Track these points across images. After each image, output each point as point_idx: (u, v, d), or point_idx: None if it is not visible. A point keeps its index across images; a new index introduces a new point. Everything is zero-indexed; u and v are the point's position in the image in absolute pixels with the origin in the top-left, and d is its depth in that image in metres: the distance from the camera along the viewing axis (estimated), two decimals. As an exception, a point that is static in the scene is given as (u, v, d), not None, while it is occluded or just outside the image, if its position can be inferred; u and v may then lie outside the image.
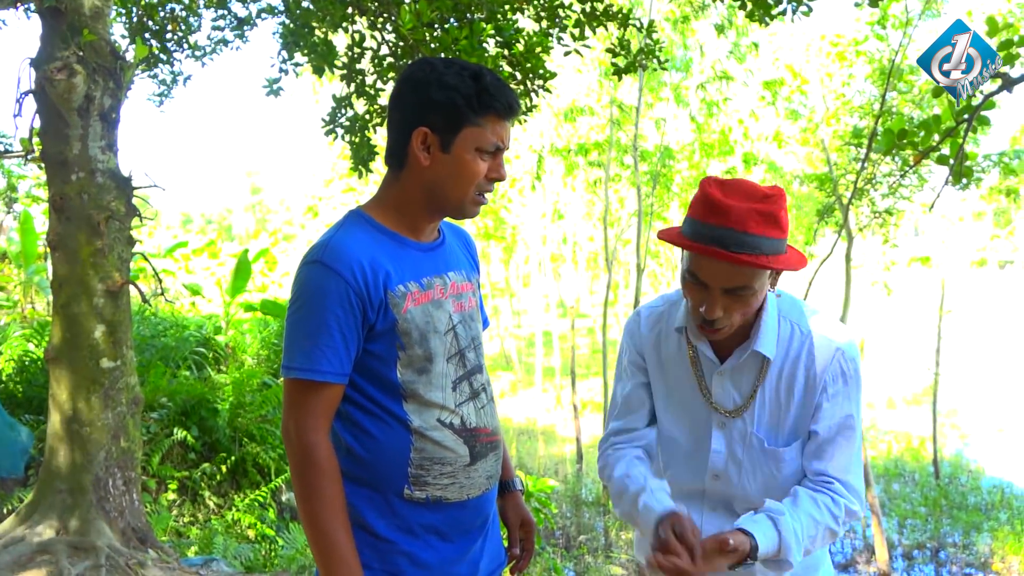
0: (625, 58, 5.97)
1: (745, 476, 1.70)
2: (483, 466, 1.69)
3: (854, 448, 1.66)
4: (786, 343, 1.66)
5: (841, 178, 12.20)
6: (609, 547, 12.17)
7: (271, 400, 6.69)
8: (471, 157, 1.56)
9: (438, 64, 1.57)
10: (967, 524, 12.38)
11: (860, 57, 12.16)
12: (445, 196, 1.60)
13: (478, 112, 1.55)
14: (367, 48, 5.69)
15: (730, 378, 1.69)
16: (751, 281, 1.53)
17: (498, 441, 1.76)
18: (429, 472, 1.61)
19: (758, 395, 1.67)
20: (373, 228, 1.62)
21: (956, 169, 5.01)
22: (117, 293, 4.08)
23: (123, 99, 4.12)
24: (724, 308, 1.55)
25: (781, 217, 1.54)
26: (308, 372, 1.51)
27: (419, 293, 1.60)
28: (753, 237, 1.49)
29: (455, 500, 1.65)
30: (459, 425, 1.64)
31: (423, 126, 1.55)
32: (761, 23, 5.50)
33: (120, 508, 4.13)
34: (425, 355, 1.60)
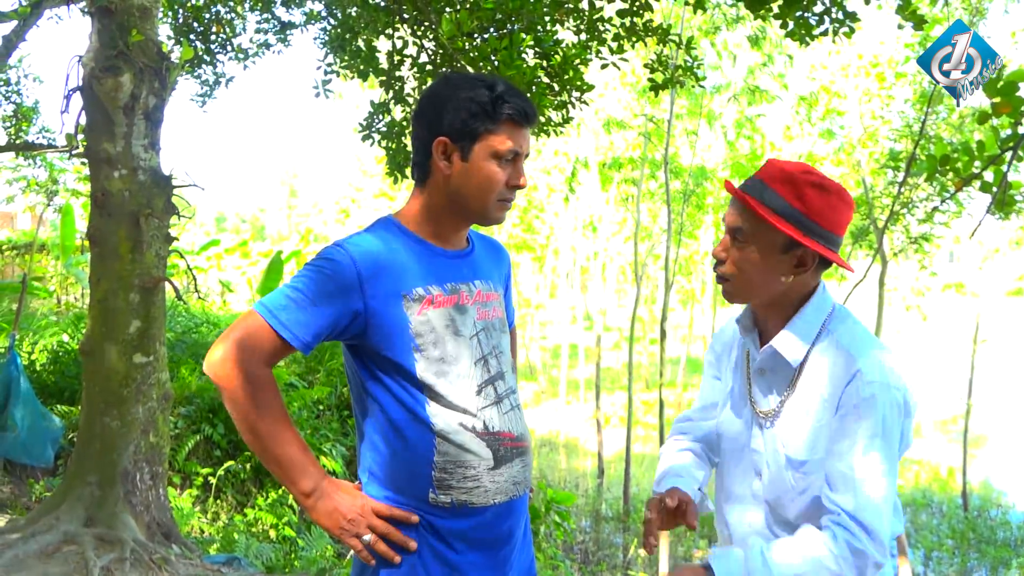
0: (663, 74, 5.95)
1: (774, 483, 1.66)
2: (508, 471, 1.69)
3: (872, 484, 1.52)
4: (822, 355, 1.61)
5: (876, 201, 12.05)
6: (628, 564, 12.07)
7: (296, 401, 6.73)
8: (490, 164, 1.61)
9: (455, 78, 1.64)
10: (995, 559, 12.10)
11: (900, 79, 12.02)
12: (467, 203, 1.65)
13: (494, 119, 1.60)
14: (407, 55, 5.74)
15: (767, 378, 1.69)
16: (747, 225, 1.57)
17: (525, 448, 1.75)
18: (453, 475, 1.62)
19: (787, 403, 1.64)
20: (402, 233, 1.67)
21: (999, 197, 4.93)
22: (153, 289, 4.14)
23: (167, 99, 4.19)
24: (726, 250, 1.61)
25: (806, 192, 1.54)
26: (277, 320, 1.54)
27: (441, 297, 1.64)
28: (767, 188, 1.56)
29: (480, 505, 1.65)
30: (482, 429, 1.65)
31: (442, 136, 1.61)
32: (802, 43, 5.45)
33: (146, 502, 4.18)
34: (442, 357, 1.62)
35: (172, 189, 4.19)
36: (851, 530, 1.50)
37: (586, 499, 15.28)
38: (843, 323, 1.64)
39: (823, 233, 1.56)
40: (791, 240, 1.55)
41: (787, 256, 1.57)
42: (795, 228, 1.54)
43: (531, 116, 1.64)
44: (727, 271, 1.61)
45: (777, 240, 1.56)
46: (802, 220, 1.54)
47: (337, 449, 6.90)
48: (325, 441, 6.72)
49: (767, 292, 1.62)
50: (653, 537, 1.67)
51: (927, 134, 9.96)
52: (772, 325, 1.67)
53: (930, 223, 11.27)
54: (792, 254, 1.57)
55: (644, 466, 17.53)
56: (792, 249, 1.57)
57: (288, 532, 5.81)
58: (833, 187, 1.57)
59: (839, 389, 1.56)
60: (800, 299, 1.64)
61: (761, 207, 1.54)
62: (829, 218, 1.56)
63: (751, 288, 1.62)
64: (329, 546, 5.54)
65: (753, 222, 1.56)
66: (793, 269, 1.59)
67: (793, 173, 1.56)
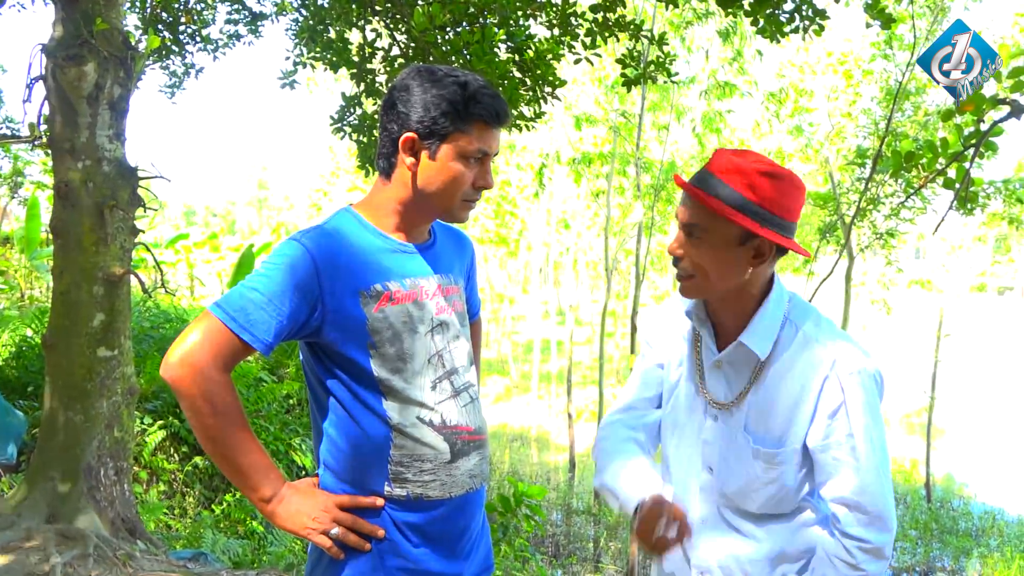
0: (635, 69, 5.97)
1: (731, 474, 1.66)
2: (465, 464, 1.68)
3: (866, 470, 1.56)
4: (786, 348, 1.62)
5: (844, 197, 12.21)
6: (598, 557, 12.15)
7: (266, 396, 6.67)
8: (457, 164, 1.58)
9: (427, 72, 1.59)
10: (957, 549, 12.36)
11: (867, 77, 12.19)
12: (432, 201, 1.62)
13: (465, 119, 1.56)
14: (378, 48, 5.70)
15: (725, 370, 1.68)
16: (702, 220, 1.55)
17: (483, 441, 1.75)
18: (409, 469, 1.62)
19: (751, 393, 1.64)
20: (361, 226, 1.64)
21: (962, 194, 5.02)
22: (117, 283, 4.08)
23: (133, 89, 4.12)
24: (683, 247, 1.59)
25: (761, 183, 1.53)
26: (235, 323, 1.50)
27: (400, 292, 1.62)
28: (718, 181, 1.54)
29: (437, 498, 1.65)
30: (439, 422, 1.64)
31: (411, 132, 1.58)
32: (773, 39, 5.50)
33: (110, 498, 4.12)
34: (398, 354, 1.61)
35: (138, 181, 4.12)
36: (851, 530, 1.56)
37: (557, 493, 15.34)
38: (806, 314, 1.66)
39: (778, 221, 1.55)
40: (747, 232, 1.54)
41: (744, 248, 1.56)
42: (750, 219, 1.52)
43: (503, 117, 1.61)
44: (686, 268, 1.60)
45: (733, 233, 1.54)
46: (756, 210, 1.53)
47: (307, 444, 6.85)
48: (295, 436, 6.68)
49: (727, 286, 1.61)
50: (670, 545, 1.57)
51: (893, 131, 10.11)
52: (728, 317, 1.66)
53: (896, 219, 11.46)
54: (749, 246, 1.56)
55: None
56: (749, 241, 1.56)
57: (256, 527, 5.76)
58: (784, 173, 1.56)
59: (817, 380, 1.57)
60: (757, 290, 1.64)
61: (714, 201, 1.52)
62: (782, 205, 1.55)
63: (711, 284, 1.60)
64: (297, 541, 5.51)
65: (707, 217, 1.55)
66: (751, 261, 1.58)
67: (742, 163, 1.55)
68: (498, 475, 15.10)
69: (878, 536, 1.56)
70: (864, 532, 1.56)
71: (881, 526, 1.56)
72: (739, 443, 1.65)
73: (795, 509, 1.67)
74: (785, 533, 1.67)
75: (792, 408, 1.60)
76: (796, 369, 1.60)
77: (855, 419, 1.56)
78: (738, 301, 1.64)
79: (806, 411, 1.59)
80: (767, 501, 1.64)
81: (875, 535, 1.56)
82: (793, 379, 1.60)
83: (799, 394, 1.59)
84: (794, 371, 1.60)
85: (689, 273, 1.60)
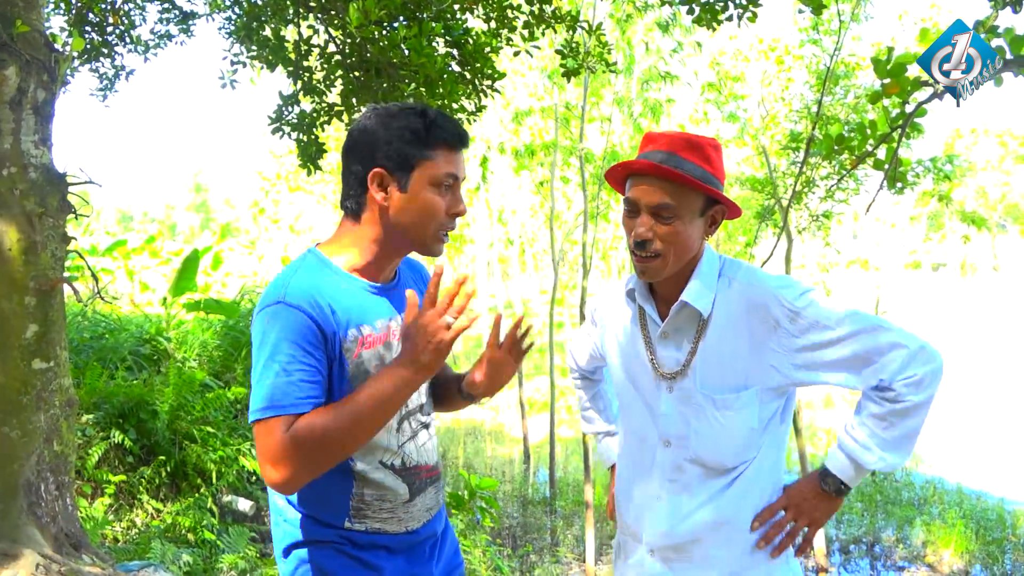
0: (574, 60, 6.01)
1: (696, 438, 1.71)
2: (422, 501, 1.72)
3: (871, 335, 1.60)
4: (726, 299, 1.69)
5: (780, 181, 12.48)
6: (555, 546, 12.24)
7: (213, 403, 6.55)
8: (429, 193, 1.58)
9: (383, 110, 1.59)
10: (901, 519, 12.77)
11: (798, 62, 12.46)
12: (407, 235, 1.60)
13: (428, 145, 1.57)
14: (314, 45, 5.63)
15: (672, 338, 1.73)
16: (675, 199, 1.60)
17: (438, 475, 1.80)
18: (369, 507, 1.64)
19: (699, 352, 1.69)
20: (330, 271, 1.61)
21: (891, 174, 5.17)
22: (50, 292, 3.96)
23: (58, 93, 4.00)
24: (652, 230, 1.62)
25: (710, 153, 1.63)
26: (275, 411, 1.45)
27: (372, 337, 1.61)
28: (678, 157, 1.60)
29: (394, 532, 1.68)
30: (400, 465, 1.67)
31: (378, 167, 1.56)
32: (709, 27, 5.60)
33: (52, 513, 4.01)
34: None
35: (67, 187, 4.00)
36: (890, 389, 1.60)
37: (513, 485, 15.39)
38: (738, 266, 1.74)
39: (722, 188, 1.66)
40: (706, 202, 1.63)
41: (703, 219, 1.65)
42: (714, 189, 1.62)
43: (464, 138, 1.62)
44: (657, 249, 1.63)
45: (696, 206, 1.62)
46: (713, 181, 1.63)
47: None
48: (244, 441, 6.57)
49: (687, 259, 1.68)
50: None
51: (824, 115, 10.36)
52: (668, 288, 1.73)
53: (831, 200, 11.75)
54: (707, 215, 1.66)
55: (568, 450, 17.77)
56: (708, 210, 1.65)
57: (207, 535, 5.66)
58: (715, 142, 1.66)
59: (766, 316, 1.64)
60: (698, 256, 1.71)
61: (688, 178, 1.58)
62: (723, 172, 1.66)
63: (677, 260, 1.66)
64: (251, 547, 5.43)
65: (678, 195, 1.60)
66: (708, 229, 1.68)
67: (688, 139, 1.63)
68: (453, 470, 15.10)
69: (922, 367, 1.59)
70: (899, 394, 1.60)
71: (924, 358, 1.60)
72: (699, 402, 1.70)
73: (748, 464, 1.72)
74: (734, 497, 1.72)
75: (747, 352, 1.67)
76: (740, 315, 1.67)
77: (824, 319, 1.61)
78: (682, 271, 1.70)
79: (764, 351, 1.65)
80: (735, 450, 1.70)
81: (920, 367, 1.59)
82: (739, 325, 1.67)
83: (751, 337, 1.66)
84: (738, 317, 1.67)
85: (657, 253, 1.64)
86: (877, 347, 1.60)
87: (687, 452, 1.72)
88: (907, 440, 1.64)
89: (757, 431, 1.69)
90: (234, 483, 6.42)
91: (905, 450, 1.65)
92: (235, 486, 6.50)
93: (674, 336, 1.73)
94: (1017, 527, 12.20)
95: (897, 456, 1.64)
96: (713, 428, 1.69)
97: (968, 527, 11.88)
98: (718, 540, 1.71)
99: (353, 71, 5.45)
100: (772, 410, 1.71)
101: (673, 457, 1.73)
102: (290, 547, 1.66)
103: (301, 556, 1.64)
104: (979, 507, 13.14)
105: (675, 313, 1.70)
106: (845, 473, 1.68)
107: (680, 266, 1.68)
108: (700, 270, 1.69)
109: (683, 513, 1.72)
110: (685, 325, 1.71)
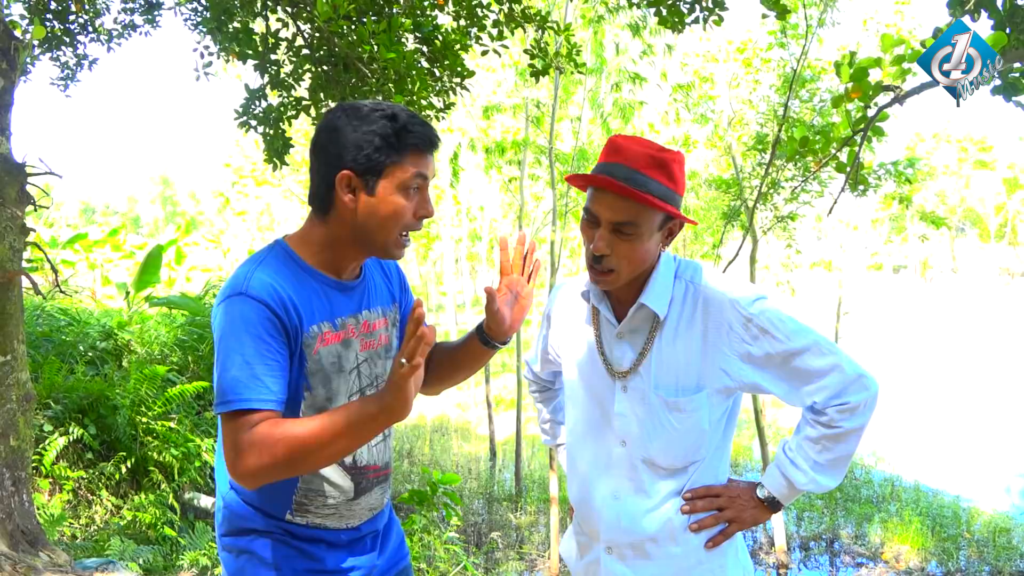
0: (543, 60, 6.03)
1: (649, 437, 1.73)
2: (366, 500, 1.72)
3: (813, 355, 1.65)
4: (680, 301, 1.71)
5: (746, 182, 12.63)
6: (521, 543, 12.28)
7: (175, 399, 6.48)
8: (397, 197, 1.57)
9: (353, 110, 1.57)
10: (860, 516, 13.01)
11: (765, 64, 12.63)
12: (371, 237, 1.59)
13: (399, 150, 1.55)
14: (282, 39, 5.58)
15: (627, 339, 1.75)
16: (636, 217, 1.61)
17: (387, 475, 1.79)
18: (312, 503, 1.64)
19: (652, 351, 1.71)
20: (296, 264, 1.61)
21: (852, 176, 5.27)
22: (8, 284, 3.89)
23: (17, 82, 3.93)
24: (611, 246, 1.63)
25: (674, 170, 1.63)
26: (237, 404, 1.45)
27: (331, 334, 1.61)
28: (642, 176, 1.60)
29: (334, 528, 1.68)
30: (349, 463, 1.67)
31: (346, 170, 1.55)
32: (675, 29, 5.65)
33: (8, 510, 3.94)
34: (327, 396, 1.61)
35: (26, 177, 3.93)
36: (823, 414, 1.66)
37: (479, 482, 15.41)
38: (694, 269, 1.76)
39: (681, 201, 1.67)
40: (665, 217, 1.65)
41: (661, 232, 1.67)
42: (673, 207, 1.63)
43: (435, 141, 1.61)
44: (613, 264, 1.65)
45: (656, 221, 1.64)
46: (675, 197, 1.64)
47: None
48: (206, 438, 6.51)
49: (643, 269, 1.70)
50: None
51: (790, 117, 10.51)
52: (625, 290, 1.75)
53: (796, 202, 11.92)
54: (665, 229, 1.68)
55: (535, 447, 17.82)
56: (666, 224, 1.67)
57: (168, 532, 5.60)
58: (680, 156, 1.67)
59: (720, 321, 1.67)
60: (655, 261, 1.74)
61: (651, 198, 1.58)
62: (684, 185, 1.68)
63: (631, 272, 1.68)
64: (212, 545, 5.38)
65: (641, 213, 1.61)
66: (664, 241, 1.70)
67: (654, 155, 1.62)
68: (419, 467, 15.07)
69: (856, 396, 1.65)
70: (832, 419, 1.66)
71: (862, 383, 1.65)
72: (652, 402, 1.72)
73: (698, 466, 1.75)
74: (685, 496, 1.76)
75: (699, 355, 1.69)
76: (695, 318, 1.70)
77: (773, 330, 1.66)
78: (639, 275, 1.72)
79: (715, 354, 1.68)
80: (686, 451, 1.73)
81: (853, 395, 1.65)
82: (693, 327, 1.69)
83: (704, 340, 1.69)
84: (694, 320, 1.70)
85: (612, 268, 1.65)
86: (818, 368, 1.65)
87: (640, 452, 1.74)
88: (839, 464, 1.70)
89: (707, 433, 1.72)
90: (196, 479, 6.35)
91: (837, 473, 1.71)
92: (197, 482, 6.43)
93: (629, 336, 1.75)
94: (972, 524, 12.50)
95: (828, 479, 1.71)
96: (665, 429, 1.71)
97: (925, 524, 12.14)
98: (674, 538, 1.74)
99: (321, 65, 5.42)
100: (720, 412, 1.74)
101: (629, 456, 1.76)
102: (232, 534, 1.67)
103: (242, 545, 1.64)
104: (935, 504, 13.44)
105: (632, 314, 1.72)
106: (779, 490, 1.75)
107: (634, 276, 1.70)
108: (657, 273, 1.72)
109: (640, 512, 1.75)
110: (641, 325, 1.73)
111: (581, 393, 1.85)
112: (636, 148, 1.63)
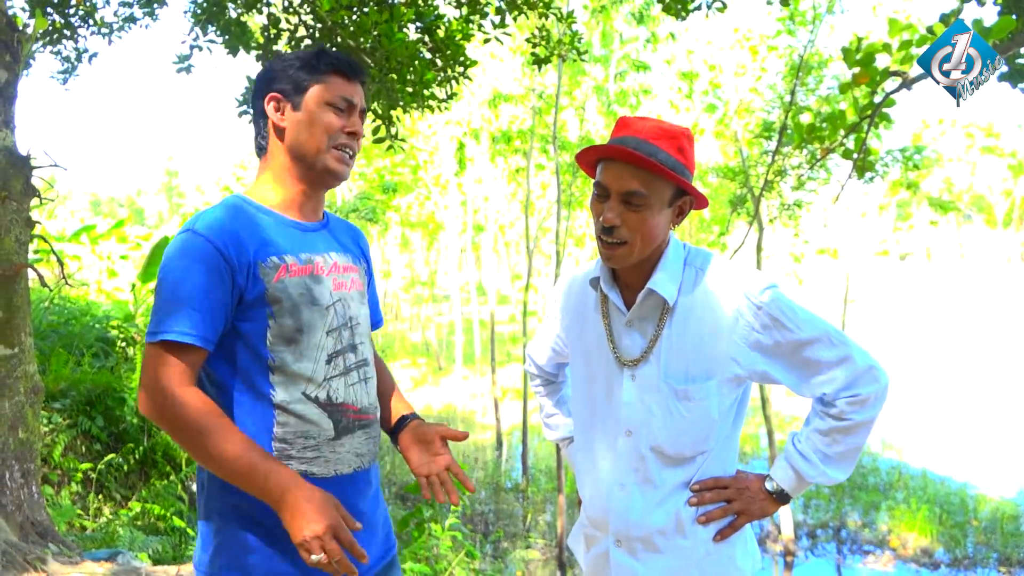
0: (545, 48, 6.01)
1: (657, 425, 1.71)
2: (350, 442, 1.68)
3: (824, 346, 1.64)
4: (690, 288, 1.69)
5: (752, 170, 12.58)
6: (527, 532, 12.32)
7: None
8: (322, 110, 1.66)
9: (281, 53, 1.71)
10: (867, 504, 13.01)
11: (771, 52, 12.55)
12: (305, 152, 1.66)
13: (320, 71, 1.67)
14: (283, 29, 5.57)
15: (636, 327, 1.73)
16: (646, 187, 1.60)
17: (370, 421, 1.75)
18: (293, 446, 1.61)
19: (662, 339, 1.69)
20: (251, 206, 1.66)
21: (859, 163, 5.23)
22: (14, 277, 3.90)
23: (21, 74, 3.92)
24: (620, 217, 1.62)
25: (683, 143, 1.63)
26: (174, 334, 1.50)
27: (296, 266, 1.63)
28: (652, 146, 1.60)
29: (322, 476, 1.64)
30: (324, 399, 1.64)
31: (273, 92, 1.68)
32: (678, 17, 5.62)
33: (18, 502, 3.96)
34: (296, 326, 1.60)
35: (31, 170, 3.94)
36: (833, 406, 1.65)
37: (485, 472, 15.45)
38: (704, 256, 1.74)
39: (691, 179, 1.66)
40: (676, 192, 1.64)
41: (672, 208, 1.66)
42: (685, 179, 1.62)
43: (356, 68, 1.70)
44: (623, 235, 1.63)
45: (666, 195, 1.62)
46: (685, 172, 1.63)
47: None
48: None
49: (653, 247, 1.68)
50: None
51: (797, 105, 10.45)
52: (634, 276, 1.73)
53: (802, 190, 11.88)
54: (676, 205, 1.66)
55: (541, 437, 17.86)
56: (677, 200, 1.65)
57: (177, 522, 5.63)
58: (689, 132, 1.66)
59: (730, 310, 1.65)
60: (664, 245, 1.72)
61: (660, 167, 1.58)
62: (694, 163, 1.67)
63: (643, 248, 1.66)
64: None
65: (649, 182, 1.60)
66: (675, 219, 1.69)
67: (665, 128, 1.63)
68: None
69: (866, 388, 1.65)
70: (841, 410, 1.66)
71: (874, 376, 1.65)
72: (662, 391, 1.70)
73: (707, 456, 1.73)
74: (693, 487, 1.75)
75: (709, 342, 1.67)
76: (705, 305, 1.68)
77: (784, 319, 1.65)
78: (648, 259, 1.70)
79: (725, 343, 1.66)
80: (694, 440, 1.71)
81: (864, 387, 1.64)
82: (704, 315, 1.67)
83: (714, 328, 1.67)
84: (703, 308, 1.68)
85: (624, 240, 1.64)
86: (828, 359, 1.64)
87: (648, 441, 1.72)
88: (849, 456, 1.70)
89: (716, 422, 1.70)
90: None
91: (847, 466, 1.70)
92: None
93: (638, 324, 1.73)
94: (979, 511, 12.49)
95: (838, 471, 1.70)
96: (674, 417, 1.69)
97: (932, 512, 12.14)
98: (682, 530, 1.73)
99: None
100: (730, 402, 1.72)
101: (635, 446, 1.74)
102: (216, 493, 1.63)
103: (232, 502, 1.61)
104: (943, 492, 13.42)
105: (641, 301, 1.70)
106: (788, 483, 1.74)
107: (646, 254, 1.67)
108: (666, 258, 1.70)
109: (648, 503, 1.73)
110: (650, 313, 1.71)
111: (588, 384, 1.83)
112: (645, 123, 1.64)
